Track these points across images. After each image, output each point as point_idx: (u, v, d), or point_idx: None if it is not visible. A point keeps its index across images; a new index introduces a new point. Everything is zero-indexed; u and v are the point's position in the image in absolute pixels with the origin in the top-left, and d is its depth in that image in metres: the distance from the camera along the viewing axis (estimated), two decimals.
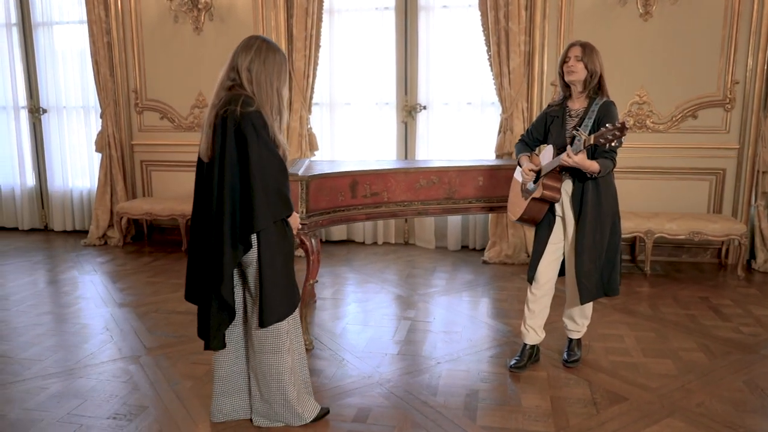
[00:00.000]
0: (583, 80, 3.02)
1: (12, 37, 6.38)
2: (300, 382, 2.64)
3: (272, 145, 2.37)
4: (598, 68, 3.01)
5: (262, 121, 2.35)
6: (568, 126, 3.07)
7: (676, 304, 4.21)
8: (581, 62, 2.98)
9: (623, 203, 5.19)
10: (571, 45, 3.04)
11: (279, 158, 2.39)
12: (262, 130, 2.34)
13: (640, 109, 5.19)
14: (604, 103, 3.00)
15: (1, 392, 2.97)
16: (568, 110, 3.11)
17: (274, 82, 2.44)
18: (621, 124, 2.68)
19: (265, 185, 2.34)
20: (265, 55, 2.43)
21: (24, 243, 6.19)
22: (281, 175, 2.39)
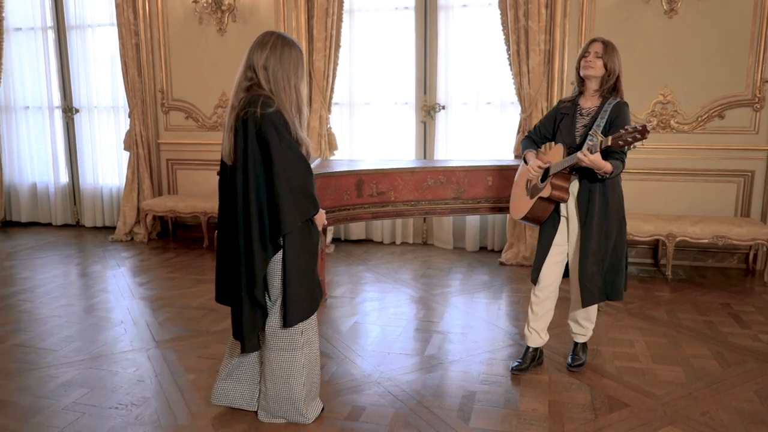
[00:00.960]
0: (600, 78, 2.96)
1: (48, 39, 6.63)
2: (311, 382, 2.63)
3: (295, 145, 2.36)
4: (617, 68, 2.95)
5: (282, 121, 2.35)
6: (578, 124, 3.01)
7: (694, 310, 4.09)
8: (600, 59, 2.92)
9: (645, 205, 5.11)
10: (592, 40, 2.98)
11: (302, 157, 2.38)
12: (283, 131, 2.34)
13: (664, 108, 5.05)
14: (618, 103, 2.93)
15: (17, 380, 3.09)
16: (579, 108, 3.05)
17: (292, 79, 2.42)
18: (642, 126, 2.61)
19: (290, 187, 2.35)
20: (281, 51, 2.40)
21: (56, 238, 6.42)
22: (306, 174, 2.39)
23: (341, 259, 5.50)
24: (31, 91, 6.80)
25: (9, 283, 4.80)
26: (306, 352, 2.57)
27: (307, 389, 2.61)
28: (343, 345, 3.53)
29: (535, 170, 3.05)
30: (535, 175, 3.06)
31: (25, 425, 2.66)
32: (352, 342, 3.58)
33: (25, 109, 6.87)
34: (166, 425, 2.65)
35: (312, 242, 2.50)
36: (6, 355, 3.40)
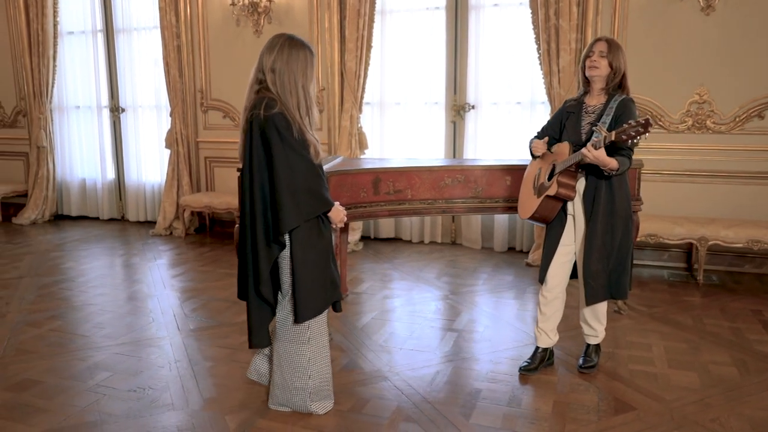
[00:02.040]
0: (605, 77, 2.94)
1: (97, 42, 6.97)
2: (320, 377, 2.66)
3: (298, 146, 2.42)
4: (622, 66, 2.93)
5: (285, 122, 2.41)
6: (583, 122, 2.99)
7: (722, 316, 3.96)
8: (605, 59, 2.91)
9: (677, 207, 4.97)
10: (596, 40, 2.97)
11: (305, 158, 2.44)
12: (285, 132, 2.41)
13: (699, 108, 4.90)
14: (623, 99, 2.91)
15: (48, 361, 3.29)
16: (584, 106, 3.03)
17: (299, 80, 2.46)
18: (645, 120, 2.58)
19: (291, 186, 2.42)
20: (288, 53, 2.46)
21: (102, 231, 6.74)
22: (310, 174, 2.45)
23: (369, 256, 5.57)
24: (81, 91, 7.16)
25: (53, 272, 5.09)
26: (312, 346, 2.62)
27: (315, 384, 2.66)
28: (357, 339, 3.60)
29: (539, 146, 3.05)
30: (539, 149, 3.06)
31: (49, 403, 2.84)
32: (367, 337, 3.64)
33: (75, 109, 7.24)
34: (179, 409, 2.78)
35: (322, 239, 2.55)
36: (41, 339, 3.62)
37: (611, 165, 2.76)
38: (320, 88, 6.02)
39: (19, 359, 3.34)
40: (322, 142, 6.02)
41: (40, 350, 3.46)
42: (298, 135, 2.44)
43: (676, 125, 4.97)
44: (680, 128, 4.96)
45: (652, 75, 4.97)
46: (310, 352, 2.62)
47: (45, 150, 7.18)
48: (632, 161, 2.93)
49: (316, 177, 2.49)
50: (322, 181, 2.53)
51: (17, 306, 4.21)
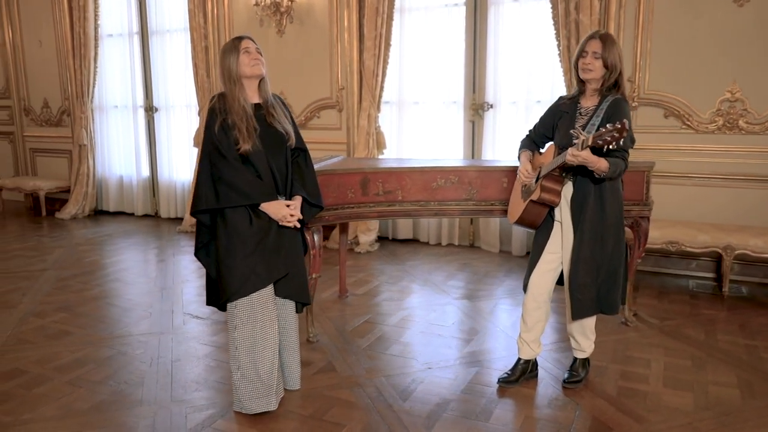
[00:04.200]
0: (600, 78, 2.74)
1: (133, 44, 7.22)
2: (251, 367, 2.64)
3: (215, 138, 2.60)
4: (618, 63, 2.73)
5: (211, 113, 2.67)
6: (576, 125, 2.81)
7: (740, 332, 3.65)
8: (599, 59, 2.70)
9: (704, 213, 4.64)
10: (589, 38, 2.75)
11: (217, 150, 2.58)
12: (210, 122, 2.66)
13: (731, 107, 4.55)
14: (615, 100, 2.71)
15: (40, 352, 3.41)
16: (579, 108, 2.84)
17: (225, 64, 2.68)
18: (621, 124, 2.39)
19: (208, 174, 2.62)
20: (221, 54, 2.75)
21: (133, 227, 6.97)
22: (223, 166, 2.59)
23: (382, 257, 5.50)
24: (119, 91, 7.44)
25: (76, 266, 5.29)
26: (240, 334, 2.63)
27: (245, 375, 2.63)
28: (342, 342, 3.54)
29: (525, 174, 2.88)
30: (524, 180, 2.89)
31: (28, 393, 2.93)
32: (352, 340, 3.57)
33: (114, 108, 7.53)
34: (145, 405, 2.81)
35: (238, 230, 2.59)
36: (42, 330, 3.76)
37: (600, 165, 2.57)
38: (339, 87, 5.99)
39: (16, 349, 3.47)
40: (341, 141, 6.03)
41: (37, 341, 3.59)
42: (218, 127, 2.62)
43: (705, 125, 4.63)
44: (710, 128, 4.62)
45: (680, 72, 4.66)
46: (237, 341, 2.64)
47: (86, 148, 7.50)
48: (628, 162, 2.73)
49: (230, 168, 2.60)
50: (240, 173, 2.60)
51: (32, 297, 4.40)
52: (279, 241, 2.69)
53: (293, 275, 2.78)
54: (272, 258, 2.66)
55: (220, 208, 2.62)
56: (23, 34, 7.90)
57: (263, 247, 2.64)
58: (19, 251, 5.81)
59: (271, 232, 2.67)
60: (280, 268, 2.69)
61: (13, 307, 4.19)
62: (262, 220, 2.64)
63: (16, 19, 7.90)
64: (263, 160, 2.67)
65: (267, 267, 2.64)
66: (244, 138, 2.60)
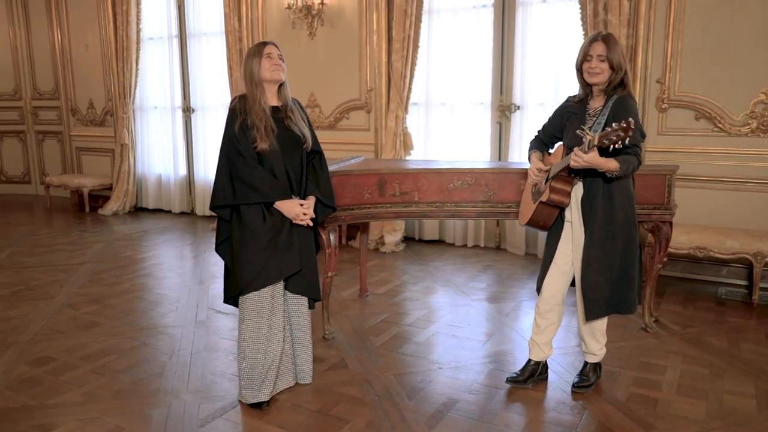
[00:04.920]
0: (607, 80, 2.73)
1: (172, 47, 7.46)
2: (252, 360, 2.73)
3: (234, 137, 2.70)
4: (623, 62, 2.71)
5: (230, 114, 2.77)
6: (586, 126, 2.79)
7: (765, 342, 3.54)
8: (605, 62, 2.69)
9: (735, 218, 4.51)
10: (592, 40, 2.74)
11: (236, 149, 2.68)
12: (229, 122, 2.77)
13: (765, 109, 4.39)
14: (620, 97, 2.69)
15: (69, 341, 3.59)
16: (588, 109, 2.83)
17: (247, 67, 2.80)
18: (627, 122, 2.37)
19: (225, 171, 2.74)
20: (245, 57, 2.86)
21: (170, 224, 7.21)
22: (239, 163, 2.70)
23: (407, 257, 5.54)
24: (159, 92, 7.70)
25: (112, 260, 5.52)
26: (246, 327, 2.73)
27: (249, 368, 2.74)
28: (357, 340, 3.60)
29: (535, 174, 2.88)
30: (535, 179, 2.89)
31: (55, 379, 3.09)
32: (367, 339, 3.62)
33: (154, 109, 7.80)
34: (162, 395, 2.93)
35: (251, 226, 2.69)
36: (74, 320, 3.95)
37: (609, 166, 2.55)
38: (368, 88, 6.06)
39: (49, 337, 3.66)
40: (369, 142, 6.09)
41: (68, 331, 3.77)
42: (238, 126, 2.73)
43: (738, 128, 4.49)
44: (743, 131, 4.48)
45: (712, 72, 4.53)
46: (244, 333, 2.75)
47: (127, 147, 7.79)
48: (642, 158, 2.70)
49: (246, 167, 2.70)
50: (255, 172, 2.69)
51: (68, 289, 4.62)
52: (291, 238, 2.77)
53: (305, 272, 2.85)
54: (284, 255, 2.74)
55: (236, 205, 2.72)
56: (71, 38, 8.27)
57: (275, 244, 2.72)
58: (62, 245, 6.10)
59: (284, 229, 2.75)
60: (292, 265, 2.76)
61: (51, 298, 4.41)
62: (275, 217, 2.73)
63: (64, 23, 8.27)
64: (279, 160, 2.76)
65: (278, 263, 2.72)
66: (261, 137, 2.69)
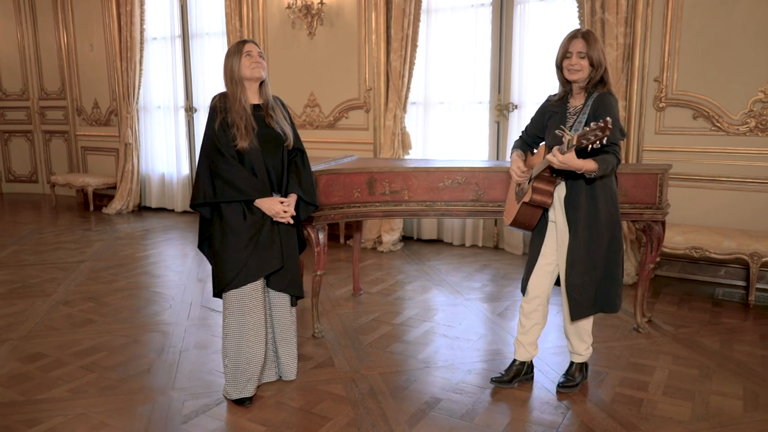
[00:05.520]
0: (587, 77, 2.72)
1: (175, 47, 7.52)
2: (238, 358, 2.76)
3: (213, 134, 2.71)
4: (602, 59, 2.70)
5: (210, 112, 2.78)
6: (567, 124, 2.78)
7: (759, 343, 3.50)
8: (585, 59, 2.68)
9: (733, 219, 4.46)
10: (571, 37, 2.74)
11: (214, 147, 2.70)
12: (209, 120, 2.78)
13: (764, 108, 4.35)
14: (601, 95, 2.68)
15: (62, 338, 3.62)
16: (568, 107, 2.81)
17: (227, 65, 2.81)
18: (605, 122, 2.36)
19: (206, 169, 2.74)
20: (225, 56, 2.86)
21: (172, 222, 7.26)
22: (219, 161, 2.70)
23: (404, 257, 5.54)
24: (162, 92, 7.76)
25: (111, 258, 5.56)
26: (229, 323, 2.77)
27: (233, 364, 2.77)
28: (345, 339, 3.60)
29: (516, 173, 2.86)
30: (517, 179, 2.87)
31: (45, 375, 3.13)
32: (356, 337, 3.63)
33: (157, 109, 7.86)
34: (148, 391, 2.95)
35: (232, 224, 2.71)
36: (68, 317, 3.99)
37: (587, 167, 2.54)
38: (367, 87, 6.06)
39: (42, 334, 3.70)
40: (368, 142, 6.09)
41: (62, 327, 3.81)
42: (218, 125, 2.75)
43: (736, 127, 4.44)
44: (741, 130, 4.43)
45: (710, 71, 4.49)
46: (227, 329, 2.78)
47: (131, 146, 7.86)
48: (620, 156, 2.69)
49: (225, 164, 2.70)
50: (234, 170, 2.70)
51: (66, 287, 4.66)
52: (272, 236, 2.78)
53: (287, 270, 2.87)
54: (265, 252, 2.75)
55: (216, 203, 2.74)
56: (77, 39, 8.35)
57: (256, 241, 2.74)
58: (64, 243, 6.16)
59: (265, 227, 2.76)
60: (273, 262, 2.78)
61: (48, 295, 4.46)
62: (255, 215, 2.75)
63: (70, 24, 8.36)
64: (259, 158, 2.77)
65: (259, 261, 2.74)
66: (242, 136, 2.71)
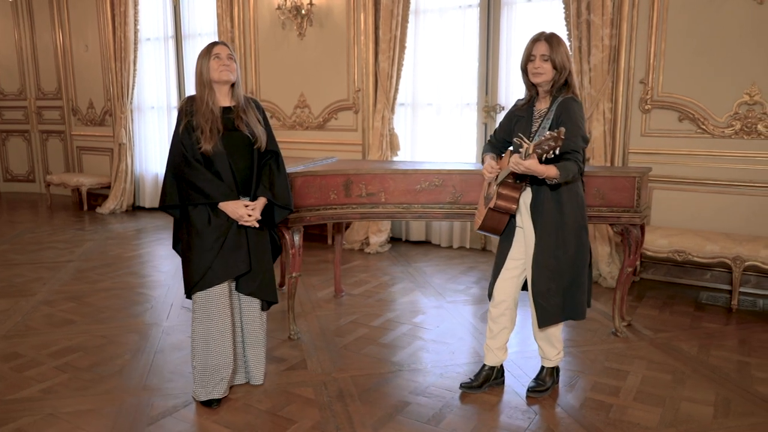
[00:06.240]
0: (551, 80, 2.70)
1: (168, 48, 7.54)
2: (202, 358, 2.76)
3: (178, 138, 2.72)
4: (566, 63, 2.69)
5: (178, 115, 2.81)
6: (532, 129, 2.77)
7: (737, 348, 3.47)
8: (548, 62, 2.67)
9: (717, 222, 4.43)
10: (534, 40, 2.73)
11: (179, 151, 2.70)
12: (177, 124, 2.78)
13: (749, 110, 4.31)
14: (565, 100, 2.67)
15: (40, 338, 3.63)
16: (534, 111, 2.80)
17: (197, 68, 2.86)
18: (558, 131, 2.36)
19: (172, 172, 2.74)
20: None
21: (164, 222, 7.26)
22: (182, 165, 2.72)
23: (391, 258, 5.53)
24: (155, 92, 7.78)
25: (98, 258, 5.58)
26: (196, 326, 2.77)
27: (200, 366, 2.76)
28: (321, 341, 3.59)
29: (488, 170, 2.83)
30: (488, 176, 2.85)
31: (18, 375, 3.14)
32: (332, 339, 3.62)
33: (151, 109, 7.88)
34: (119, 392, 2.96)
35: (197, 227, 2.72)
36: (48, 317, 4.00)
37: (548, 173, 2.53)
38: (356, 89, 6.06)
39: (21, 334, 3.71)
40: (357, 143, 6.09)
41: (41, 327, 3.82)
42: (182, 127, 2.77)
43: (721, 129, 4.41)
44: (726, 133, 4.40)
45: (696, 73, 4.45)
46: (194, 332, 2.78)
47: (125, 146, 7.88)
48: (582, 165, 2.67)
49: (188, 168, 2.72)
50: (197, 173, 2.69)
51: (50, 287, 4.68)
52: (239, 239, 2.78)
53: (256, 273, 2.86)
54: (231, 255, 2.75)
55: (183, 205, 2.74)
56: (72, 39, 8.39)
57: (221, 244, 2.73)
58: (54, 243, 6.19)
59: (231, 230, 2.76)
60: (240, 265, 2.78)
61: (31, 295, 4.47)
62: (220, 218, 2.74)
63: (66, 24, 8.40)
64: (225, 161, 2.77)
65: (224, 264, 2.74)
66: (206, 138, 2.71)
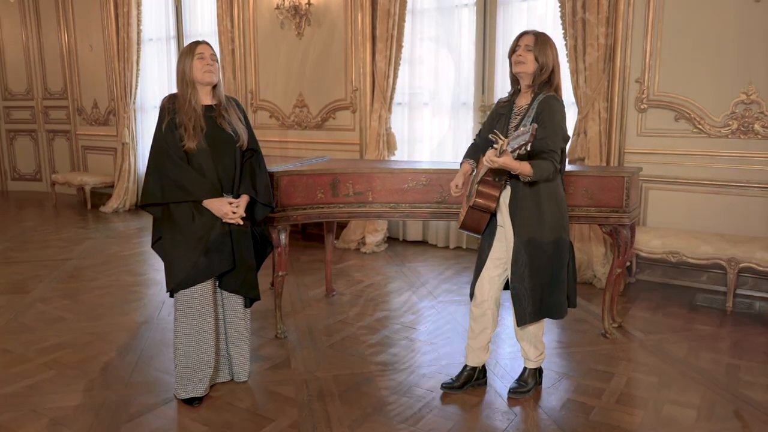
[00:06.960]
0: (532, 74, 2.69)
1: (171, 48, 7.59)
2: (187, 360, 2.78)
3: (161, 135, 2.72)
4: (550, 62, 2.67)
5: (159, 113, 2.80)
6: (511, 125, 2.75)
7: (728, 351, 3.42)
8: (531, 53, 2.66)
9: (713, 223, 4.37)
10: (523, 33, 2.74)
11: (162, 148, 2.71)
12: (159, 121, 2.78)
13: (746, 110, 4.25)
14: (546, 97, 2.65)
15: (31, 335, 3.66)
16: (513, 107, 2.78)
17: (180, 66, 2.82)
18: (531, 128, 2.36)
19: (155, 170, 2.74)
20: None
21: None
22: (166, 162, 2.72)
23: (387, 258, 5.52)
24: (158, 92, 7.82)
25: (96, 256, 5.62)
26: (178, 324, 2.78)
27: (182, 364, 2.78)
28: (309, 339, 3.59)
29: (453, 189, 2.84)
30: (453, 193, 2.85)
31: (5, 372, 3.17)
32: (319, 338, 3.62)
33: (154, 108, 7.92)
34: (101, 388, 2.97)
35: (180, 225, 2.72)
36: (42, 314, 4.04)
37: (523, 170, 2.52)
38: (353, 88, 6.06)
39: (13, 330, 3.75)
40: (354, 142, 6.09)
41: (33, 325, 3.86)
42: (166, 125, 2.76)
43: (718, 129, 4.35)
44: (723, 132, 4.34)
45: (692, 72, 4.40)
46: (176, 330, 2.79)
47: (128, 146, 7.94)
48: (558, 165, 2.65)
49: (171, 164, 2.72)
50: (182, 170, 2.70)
51: (47, 284, 4.72)
52: (223, 237, 2.78)
53: (240, 271, 2.86)
54: (215, 253, 2.76)
55: (166, 204, 2.74)
56: (77, 40, 8.47)
57: (206, 242, 2.74)
58: (55, 241, 6.24)
59: (215, 228, 2.76)
60: (224, 263, 2.78)
61: (27, 293, 4.52)
62: (204, 216, 2.75)
63: (71, 25, 8.48)
64: (208, 159, 2.78)
65: (209, 262, 2.74)
66: (189, 136, 2.72)
